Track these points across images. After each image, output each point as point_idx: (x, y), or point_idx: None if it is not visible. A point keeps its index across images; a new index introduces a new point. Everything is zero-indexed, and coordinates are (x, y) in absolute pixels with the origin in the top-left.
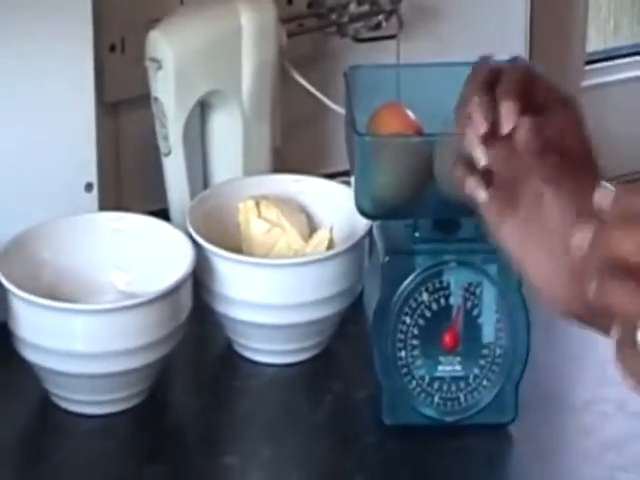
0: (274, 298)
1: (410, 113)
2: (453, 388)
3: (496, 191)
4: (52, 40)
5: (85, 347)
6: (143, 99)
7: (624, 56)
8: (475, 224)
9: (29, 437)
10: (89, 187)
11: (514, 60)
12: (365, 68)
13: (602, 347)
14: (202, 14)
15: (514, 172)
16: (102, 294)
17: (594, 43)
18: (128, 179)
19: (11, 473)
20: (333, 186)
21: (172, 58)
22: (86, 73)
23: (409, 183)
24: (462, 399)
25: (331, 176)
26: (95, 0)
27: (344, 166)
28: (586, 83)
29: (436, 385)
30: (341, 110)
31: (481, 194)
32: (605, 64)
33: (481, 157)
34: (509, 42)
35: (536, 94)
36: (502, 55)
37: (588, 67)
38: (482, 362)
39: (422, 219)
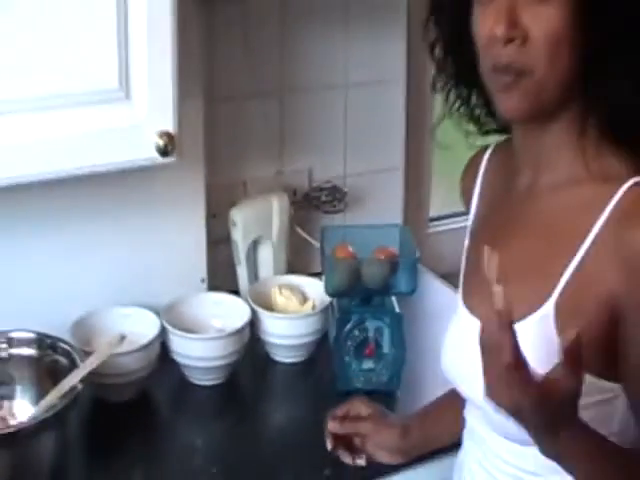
0: (288, 332)
1: (350, 248)
2: (369, 374)
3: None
4: (184, 213)
5: (202, 354)
6: (227, 239)
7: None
8: (380, 300)
9: (176, 397)
10: (202, 280)
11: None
12: (329, 227)
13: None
14: (255, 201)
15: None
16: (208, 330)
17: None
18: (220, 275)
19: (170, 415)
20: (315, 280)
21: (241, 222)
22: (201, 226)
23: (349, 281)
24: (374, 379)
25: (313, 274)
26: (206, 192)
27: (319, 270)
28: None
29: (362, 373)
30: (318, 245)
31: (347, 459)
32: (443, 221)
33: (349, 460)
34: (391, 214)
35: (360, 410)
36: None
37: (431, 225)
38: (383, 362)
39: (355, 297)
